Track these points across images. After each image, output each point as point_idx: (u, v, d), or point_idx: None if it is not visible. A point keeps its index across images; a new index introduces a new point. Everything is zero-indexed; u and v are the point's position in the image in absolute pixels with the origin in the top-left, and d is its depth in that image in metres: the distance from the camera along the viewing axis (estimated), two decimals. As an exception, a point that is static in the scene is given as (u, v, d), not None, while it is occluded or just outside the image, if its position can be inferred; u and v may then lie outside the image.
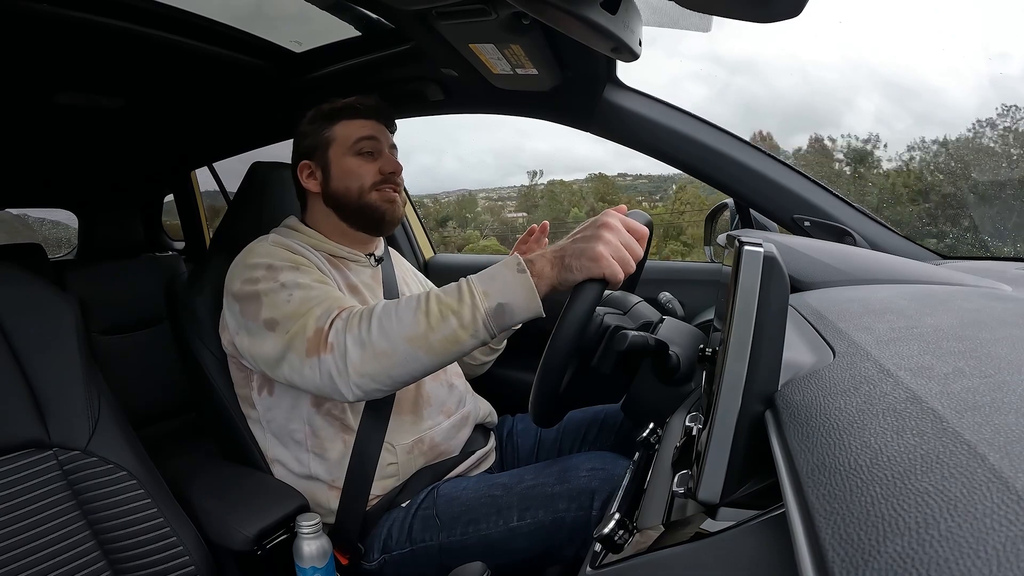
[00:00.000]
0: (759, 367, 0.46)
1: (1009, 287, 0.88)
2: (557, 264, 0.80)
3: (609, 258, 0.77)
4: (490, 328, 0.81)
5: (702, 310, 1.28)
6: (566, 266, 0.79)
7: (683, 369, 0.85)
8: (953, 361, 0.43)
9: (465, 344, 0.81)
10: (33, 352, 0.86)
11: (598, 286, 0.77)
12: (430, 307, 0.81)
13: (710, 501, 0.47)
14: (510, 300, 0.80)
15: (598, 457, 0.98)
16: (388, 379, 0.83)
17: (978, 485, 0.26)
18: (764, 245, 0.47)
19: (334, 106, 1.09)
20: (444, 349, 0.81)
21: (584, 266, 0.77)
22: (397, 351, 0.81)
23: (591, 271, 0.77)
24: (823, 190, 1.23)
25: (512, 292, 0.80)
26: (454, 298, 0.81)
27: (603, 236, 0.79)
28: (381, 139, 1.09)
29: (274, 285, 0.92)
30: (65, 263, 1.96)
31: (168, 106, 1.65)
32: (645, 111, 1.25)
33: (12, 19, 1.03)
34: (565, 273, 0.79)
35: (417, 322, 0.81)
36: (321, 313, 0.87)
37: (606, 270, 0.77)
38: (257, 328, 0.92)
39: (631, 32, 0.84)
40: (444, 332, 0.80)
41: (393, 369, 0.82)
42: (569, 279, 0.79)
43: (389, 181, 1.08)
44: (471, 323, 0.80)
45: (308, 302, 0.89)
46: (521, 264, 0.81)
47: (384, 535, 0.98)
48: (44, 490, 0.80)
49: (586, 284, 0.77)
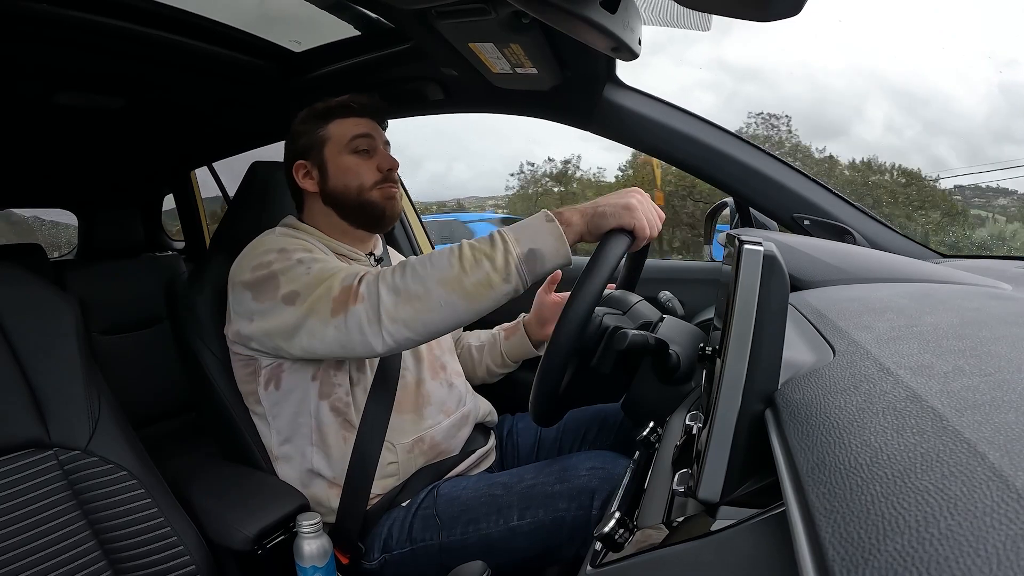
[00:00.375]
0: (759, 366, 0.46)
1: (1009, 286, 0.88)
2: (589, 212, 0.85)
3: (641, 212, 0.83)
4: (522, 273, 0.84)
5: (702, 309, 1.28)
6: (599, 212, 0.84)
7: (683, 368, 0.85)
8: (953, 360, 0.43)
9: (498, 289, 0.84)
10: (33, 352, 0.86)
11: (625, 239, 0.83)
12: (463, 252, 0.84)
13: (710, 500, 0.47)
14: (540, 246, 0.84)
15: (598, 456, 0.98)
16: (422, 325, 0.84)
17: (978, 483, 0.26)
18: (764, 244, 0.47)
19: (328, 105, 1.10)
20: (478, 293, 0.83)
21: (618, 213, 0.83)
22: (431, 294, 0.83)
23: (623, 219, 0.83)
24: (823, 189, 1.23)
25: (542, 239, 0.84)
26: (487, 244, 0.85)
27: (635, 196, 0.86)
28: (376, 136, 1.10)
29: (289, 263, 0.93)
30: (65, 263, 1.97)
31: (167, 106, 1.65)
32: (645, 110, 1.25)
33: (12, 19, 1.03)
34: (597, 219, 0.84)
35: (451, 265, 0.84)
36: (346, 276, 0.89)
37: (637, 221, 0.83)
38: (273, 306, 0.92)
39: (631, 31, 0.84)
40: (478, 276, 0.83)
41: (428, 314, 0.84)
42: (601, 225, 0.84)
43: (388, 179, 1.09)
44: (503, 267, 0.83)
45: (328, 270, 0.91)
46: (549, 215, 0.86)
47: (384, 534, 0.98)
48: (44, 490, 0.80)
49: (614, 233, 0.83)
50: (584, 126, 1.32)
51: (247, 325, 0.96)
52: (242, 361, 1.04)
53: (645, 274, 1.05)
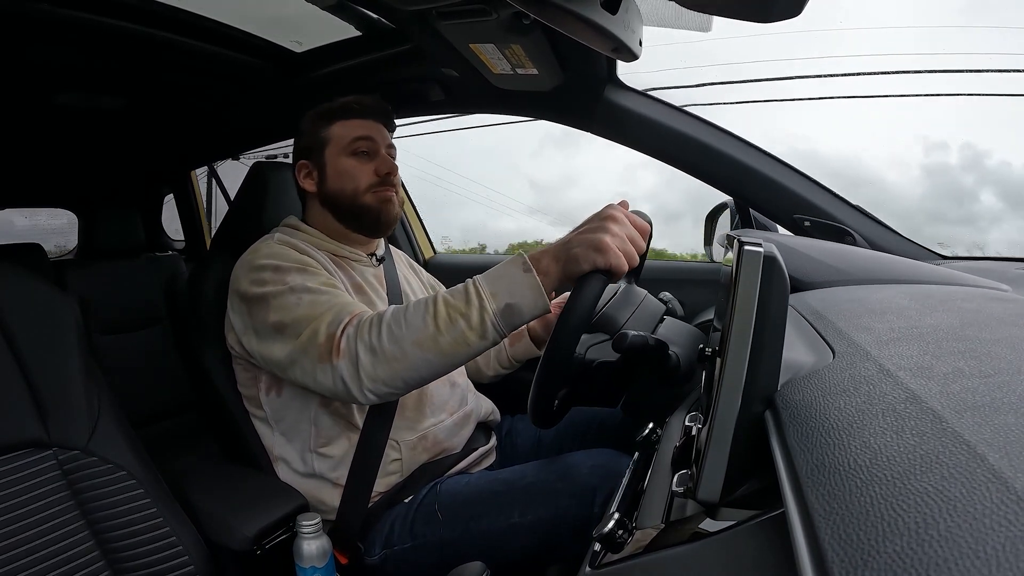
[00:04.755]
0: (759, 367, 0.46)
1: (1009, 287, 0.88)
2: (562, 258, 0.80)
3: (615, 249, 0.77)
4: (499, 329, 0.81)
5: (702, 310, 1.28)
6: (571, 257, 0.79)
7: (683, 369, 0.85)
8: (953, 361, 0.42)
9: (475, 346, 0.82)
10: (33, 351, 0.86)
11: (602, 278, 0.78)
12: (438, 311, 0.81)
13: (710, 501, 0.47)
14: (518, 300, 0.80)
15: (600, 454, 0.98)
16: (401, 382, 0.84)
17: (978, 485, 0.26)
18: (764, 245, 0.47)
19: (332, 106, 1.09)
20: (454, 351, 0.81)
21: (590, 256, 0.77)
22: (407, 356, 0.82)
23: (596, 262, 0.77)
24: (823, 190, 1.23)
25: (519, 292, 0.80)
26: (462, 300, 0.82)
27: (609, 228, 0.79)
28: (377, 139, 1.09)
29: (282, 288, 0.92)
30: (65, 263, 1.96)
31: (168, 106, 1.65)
32: (646, 111, 1.25)
33: (13, 19, 1.03)
34: (571, 265, 0.79)
35: (426, 325, 0.81)
36: (332, 319, 0.87)
37: (612, 260, 0.77)
38: (266, 331, 0.92)
39: (631, 32, 0.84)
40: (453, 335, 0.81)
41: (405, 373, 0.83)
42: (574, 271, 0.79)
43: (385, 182, 1.07)
44: (479, 325, 0.80)
45: (318, 306, 0.89)
46: (527, 263, 0.81)
47: (386, 530, 0.98)
48: (43, 490, 0.80)
49: (590, 276, 0.78)
50: (585, 127, 1.32)
51: (246, 338, 0.96)
52: (243, 366, 1.04)
53: (645, 274, 1.05)
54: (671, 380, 0.86)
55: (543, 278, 0.80)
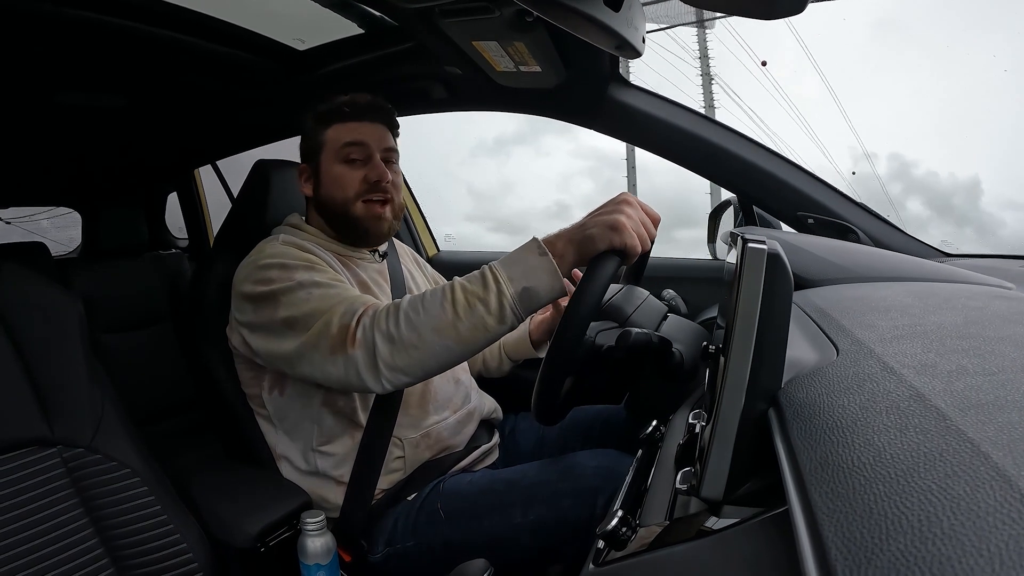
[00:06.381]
0: (763, 365, 0.46)
1: (1013, 285, 0.87)
2: (577, 238, 0.82)
3: (631, 229, 0.79)
4: (517, 312, 0.82)
5: (706, 307, 1.28)
6: (587, 237, 0.80)
7: (686, 366, 0.85)
8: (957, 359, 0.42)
9: (493, 331, 0.82)
10: (37, 350, 0.86)
11: (616, 258, 0.79)
12: (456, 297, 0.82)
13: (713, 498, 0.47)
14: (534, 283, 0.81)
15: (604, 455, 0.98)
16: (420, 369, 0.84)
17: (981, 483, 0.26)
18: (768, 242, 0.47)
19: (327, 107, 1.07)
20: (473, 337, 0.82)
21: (606, 235, 0.79)
22: (426, 342, 0.82)
23: (612, 240, 0.79)
24: (827, 187, 1.23)
25: (536, 276, 0.81)
26: (479, 286, 0.82)
27: (624, 210, 0.81)
28: (371, 143, 1.05)
29: (290, 284, 0.92)
30: (69, 261, 1.97)
31: (171, 104, 1.65)
32: (650, 108, 1.25)
33: (14, 18, 1.03)
34: (587, 245, 0.81)
35: (444, 311, 0.82)
36: (345, 311, 0.87)
37: (628, 240, 0.79)
38: (275, 327, 0.92)
39: (634, 29, 0.84)
40: (472, 320, 0.81)
41: (424, 360, 0.83)
42: (590, 250, 0.80)
43: (375, 190, 1.04)
44: (498, 310, 0.81)
45: (328, 299, 0.89)
46: (542, 246, 0.82)
47: (389, 528, 0.98)
48: (47, 488, 0.80)
49: (605, 255, 0.79)
50: (589, 124, 1.32)
51: (252, 338, 0.96)
52: (246, 364, 1.04)
53: (648, 272, 1.05)
54: (675, 377, 0.86)
55: (559, 260, 0.81)
